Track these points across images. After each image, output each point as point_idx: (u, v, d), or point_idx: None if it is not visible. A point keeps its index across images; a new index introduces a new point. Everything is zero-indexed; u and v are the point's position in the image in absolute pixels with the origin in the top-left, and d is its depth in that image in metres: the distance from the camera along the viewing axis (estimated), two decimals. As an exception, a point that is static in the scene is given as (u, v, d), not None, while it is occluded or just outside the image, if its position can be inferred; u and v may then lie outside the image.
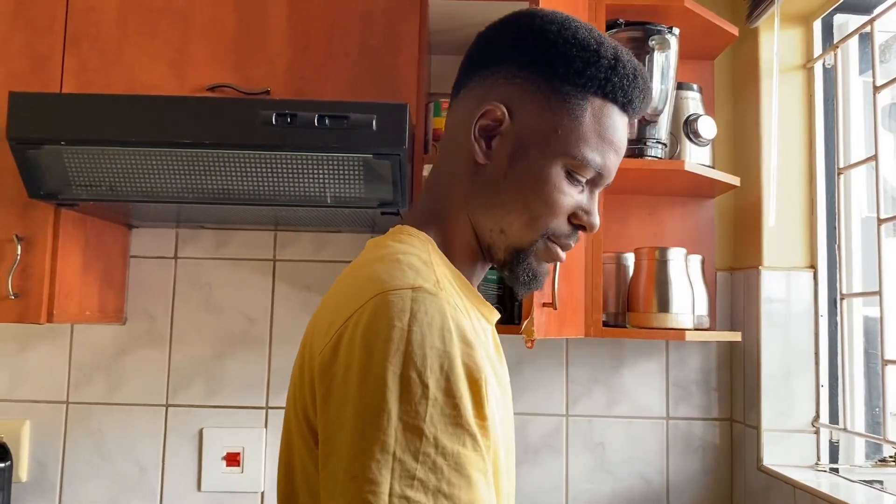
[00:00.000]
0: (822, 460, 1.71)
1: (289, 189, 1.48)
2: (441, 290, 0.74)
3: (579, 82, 0.81)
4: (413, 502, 0.65)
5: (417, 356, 0.68)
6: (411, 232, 0.85)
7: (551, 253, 0.86)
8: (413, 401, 0.67)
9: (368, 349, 0.69)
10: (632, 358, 1.90)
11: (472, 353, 0.71)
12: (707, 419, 1.88)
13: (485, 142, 0.84)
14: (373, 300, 0.72)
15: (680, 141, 1.72)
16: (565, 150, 0.82)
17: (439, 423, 0.67)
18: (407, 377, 0.67)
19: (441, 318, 0.71)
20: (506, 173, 0.83)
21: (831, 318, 1.74)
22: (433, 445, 0.66)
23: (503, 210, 0.84)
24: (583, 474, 1.87)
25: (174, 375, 1.89)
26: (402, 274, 0.74)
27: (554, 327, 1.39)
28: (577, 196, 0.84)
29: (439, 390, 0.68)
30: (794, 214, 1.77)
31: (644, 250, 1.64)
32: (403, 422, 0.66)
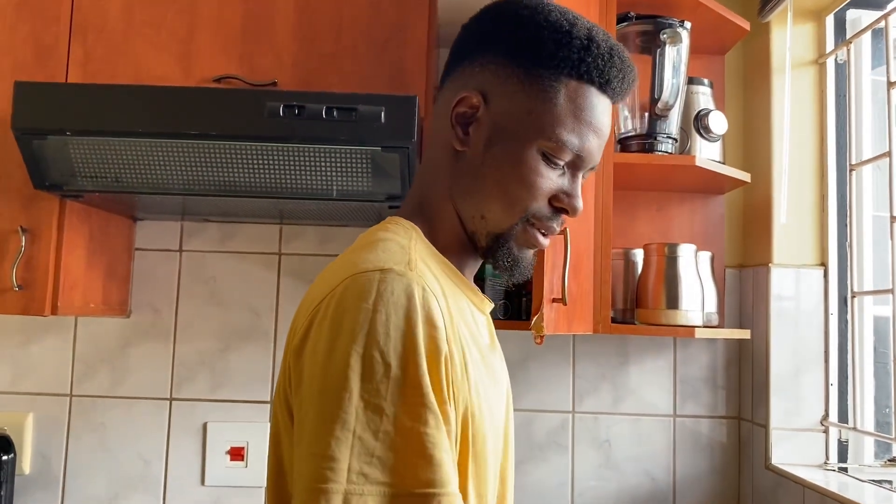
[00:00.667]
0: (831, 459, 1.70)
1: (295, 182, 1.47)
2: (411, 270, 0.74)
3: (552, 64, 0.81)
4: (371, 479, 0.65)
5: (381, 335, 0.69)
6: (398, 221, 0.86)
7: (530, 237, 0.85)
8: (374, 379, 0.67)
9: (335, 329, 0.70)
10: (639, 355, 1.88)
11: (436, 335, 0.71)
12: (714, 417, 1.87)
13: (461, 129, 0.85)
14: (343, 282, 0.73)
15: (690, 136, 1.70)
16: (540, 132, 0.81)
17: (400, 402, 0.67)
18: (369, 356, 0.68)
19: (407, 298, 0.71)
20: (483, 159, 0.84)
21: (841, 316, 1.73)
22: (393, 424, 0.67)
23: (482, 195, 0.84)
24: (589, 471, 1.86)
25: (178, 369, 1.88)
26: (374, 256, 0.75)
27: (563, 323, 1.37)
28: (557, 179, 0.84)
29: (401, 369, 0.68)
30: (805, 211, 1.75)
31: (653, 246, 1.62)
32: (364, 400, 0.67)
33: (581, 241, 1.48)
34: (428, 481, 0.66)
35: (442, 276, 0.82)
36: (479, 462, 0.78)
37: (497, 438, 0.84)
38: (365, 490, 0.65)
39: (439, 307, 0.73)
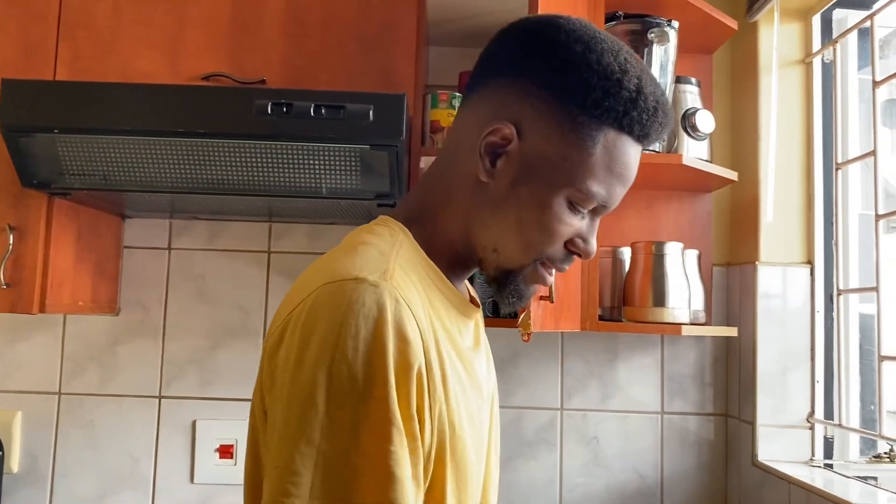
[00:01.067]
0: (817, 456, 1.71)
1: (284, 180, 1.47)
2: (386, 280, 0.72)
3: (596, 113, 0.78)
4: (333, 496, 0.65)
5: (349, 349, 0.67)
6: (387, 222, 0.85)
7: (539, 276, 0.85)
8: (341, 395, 0.66)
9: (305, 340, 0.69)
10: (627, 352, 1.89)
11: (407, 350, 0.70)
12: (702, 414, 1.88)
13: (490, 159, 0.81)
14: (316, 291, 0.72)
15: (678, 135, 1.71)
16: (571, 181, 0.79)
17: (365, 418, 0.66)
18: (337, 371, 0.67)
19: (378, 310, 0.69)
20: (507, 195, 0.81)
21: (828, 313, 1.74)
22: (358, 441, 0.66)
23: (499, 231, 0.82)
24: (577, 468, 1.87)
25: (167, 367, 1.88)
26: (351, 264, 0.74)
27: (550, 321, 1.38)
28: (577, 224, 0.82)
29: (368, 385, 0.67)
30: (792, 210, 1.76)
31: (641, 244, 1.63)
32: (330, 416, 0.66)
33: (569, 239, 1.49)
34: (389, 500, 0.66)
35: (426, 282, 0.81)
36: (460, 471, 0.77)
37: (479, 445, 0.83)
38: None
39: (414, 319, 0.72)
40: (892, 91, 2.25)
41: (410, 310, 0.72)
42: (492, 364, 0.99)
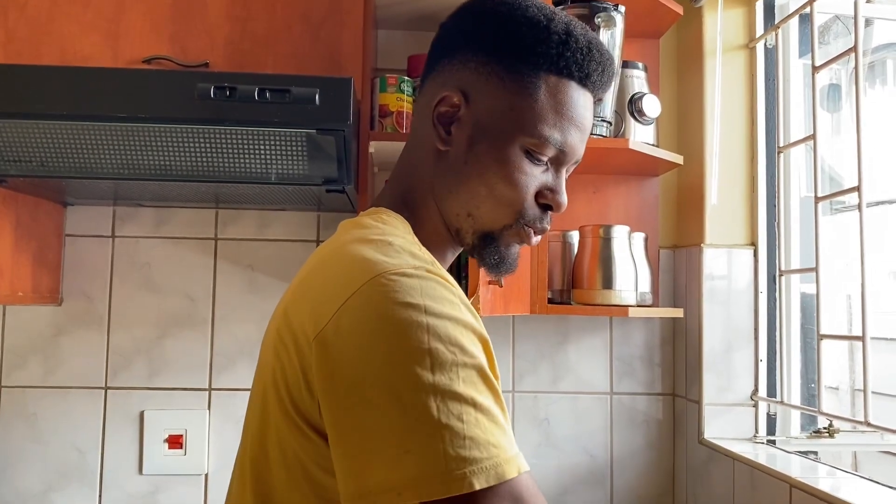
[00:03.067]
0: (760, 433, 1.76)
1: (230, 165, 1.44)
2: (436, 267, 0.76)
3: (531, 60, 0.82)
4: (469, 459, 0.67)
5: (439, 328, 0.69)
6: (390, 213, 0.87)
7: (522, 236, 0.87)
8: (445, 370, 0.68)
9: (384, 330, 0.69)
10: (577, 334, 1.92)
11: (477, 323, 0.74)
12: (650, 394, 1.92)
13: (444, 128, 0.86)
14: (373, 281, 0.72)
15: (625, 119, 1.73)
16: (522, 129, 0.82)
17: (471, 385, 0.69)
18: (435, 349, 0.69)
19: (447, 291, 0.73)
20: (467, 158, 0.84)
21: (770, 294, 1.78)
22: (471, 405, 0.68)
23: (468, 195, 0.85)
24: (529, 450, 1.89)
25: (113, 357, 1.84)
26: (399, 256, 0.75)
27: (500, 304, 1.39)
28: (541, 176, 0.85)
29: (465, 355, 0.70)
30: (736, 192, 1.80)
31: (588, 228, 1.65)
32: (441, 391, 0.68)
33: (518, 223, 1.50)
34: (509, 446, 0.69)
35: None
36: None
37: None
38: (468, 471, 0.66)
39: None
40: (833, 76, 2.31)
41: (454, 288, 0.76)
42: None
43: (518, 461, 0.69)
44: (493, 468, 0.67)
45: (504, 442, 0.69)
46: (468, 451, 0.67)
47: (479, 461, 0.67)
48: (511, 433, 0.71)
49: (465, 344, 0.70)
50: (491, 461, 0.67)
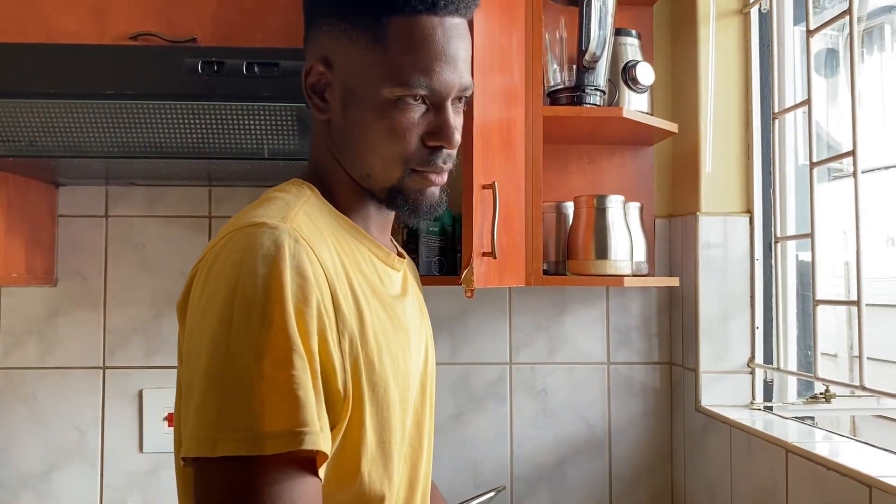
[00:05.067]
0: (757, 399, 1.76)
1: (222, 141, 1.44)
2: (286, 223, 0.75)
3: (371, 9, 0.82)
4: (238, 426, 0.67)
5: (248, 287, 0.70)
6: (295, 181, 0.88)
7: (422, 182, 0.86)
8: (240, 329, 0.69)
9: (210, 285, 0.73)
10: (573, 305, 1.92)
11: (305, 285, 0.73)
12: (647, 363, 1.92)
13: (318, 98, 0.87)
14: (222, 239, 0.76)
15: (618, 88, 1.71)
16: (382, 81, 0.82)
17: (266, 348, 0.69)
18: (235, 306, 0.70)
19: (277, 248, 0.72)
20: (346, 123, 0.85)
21: (766, 261, 1.78)
22: (260, 370, 0.68)
23: (359, 156, 0.86)
24: (527, 420, 1.90)
25: (110, 336, 1.84)
26: (253, 213, 0.77)
27: (494, 276, 1.38)
28: (420, 119, 0.84)
29: (266, 317, 0.70)
30: (731, 160, 1.78)
31: (583, 198, 1.64)
32: (230, 350, 0.68)
33: (511, 195, 1.49)
34: (295, 421, 0.68)
35: (337, 231, 0.84)
36: (381, 411, 0.80)
37: (405, 386, 0.85)
38: (232, 436, 0.67)
39: (316, 258, 0.75)
40: (829, 41, 2.29)
41: (312, 249, 0.75)
42: (425, 316, 1.00)
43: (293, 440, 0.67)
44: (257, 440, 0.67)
45: (284, 415, 0.68)
46: (239, 416, 0.67)
47: (246, 429, 0.67)
48: (310, 404, 0.70)
49: (273, 305, 0.70)
50: (255, 433, 0.67)
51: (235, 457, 0.66)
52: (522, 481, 1.89)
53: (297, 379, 0.69)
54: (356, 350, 0.77)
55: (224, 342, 0.69)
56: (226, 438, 0.66)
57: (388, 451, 0.81)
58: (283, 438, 0.67)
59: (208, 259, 0.76)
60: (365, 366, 0.78)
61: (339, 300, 0.76)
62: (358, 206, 0.90)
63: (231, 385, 0.68)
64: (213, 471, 0.68)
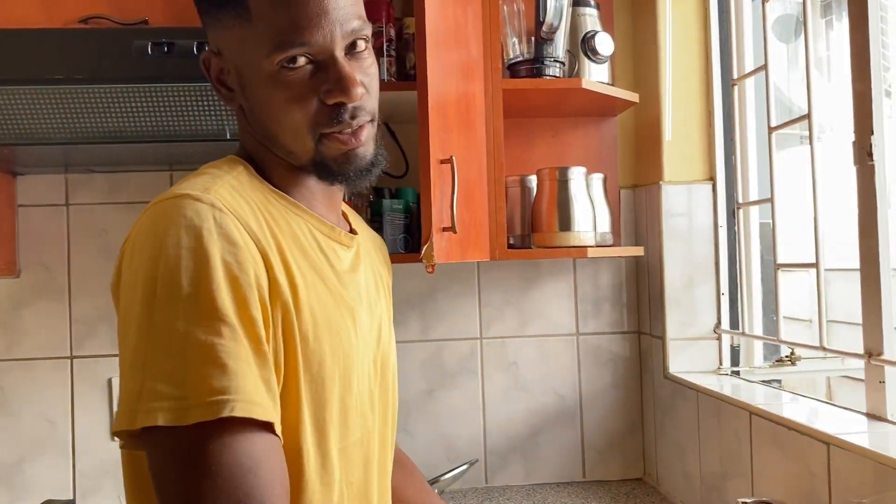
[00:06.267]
0: (724, 364, 1.78)
1: (181, 124, 1.42)
2: (208, 193, 0.75)
3: None
4: (162, 395, 0.67)
5: (170, 257, 0.70)
6: (230, 158, 0.88)
7: (336, 145, 0.85)
8: (166, 300, 0.69)
9: (135, 261, 0.72)
10: (542, 279, 1.93)
11: (238, 252, 0.72)
12: (616, 333, 1.94)
13: (224, 88, 0.87)
14: (144, 215, 0.76)
15: (578, 59, 1.71)
16: (260, 55, 0.81)
17: (193, 318, 0.69)
18: (162, 278, 0.70)
19: (200, 219, 0.72)
20: (250, 105, 0.85)
21: (730, 228, 1.79)
22: (185, 340, 0.68)
23: (274, 137, 0.85)
24: (499, 394, 1.91)
25: (77, 326, 1.82)
26: (176, 187, 0.77)
27: (456, 251, 1.38)
28: (312, 82, 0.82)
29: (192, 286, 0.69)
30: (693, 128, 1.79)
31: (545, 171, 1.64)
32: (156, 321, 0.69)
33: (472, 169, 1.49)
34: (221, 389, 0.67)
35: (271, 205, 0.83)
36: (317, 387, 0.79)
37: (347, 364, 0.84)
38: (155, 406, 0.66)
39: (242, 227, 0.75)
40: (785, 6, 2.30)
41: (237, 218, 0.75)
42: (383, 295, 0.99)
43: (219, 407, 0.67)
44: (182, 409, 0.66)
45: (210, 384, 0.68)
46: (164, 386, 0.67)
47: (170, 398, 0.67)
48: (245, 373, 0.69)
49: (197, 276, 0.70)
50: (180, 402, 0.67)
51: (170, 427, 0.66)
52: (496, 454, 1.91)
53: (225, 348, 0.68)
54: (290, 323, 0.77)
55: (148, 315, 0.69)
56: (150, 409, 0.66)
57: (324, 429, 0.80)
58: (209, 407, 0.67)
59: (132, 236, 0.75)
60: (300, 340, 0.77)
61: (273, 270, 0.76)
62: (296, 183, 0.88)
63: (157, 357, 0.68)
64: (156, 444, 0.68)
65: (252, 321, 0.72)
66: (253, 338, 0.71)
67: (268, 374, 0.72)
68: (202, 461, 0.66)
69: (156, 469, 0.69)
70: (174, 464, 0.67)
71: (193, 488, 0.66)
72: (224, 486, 0.66)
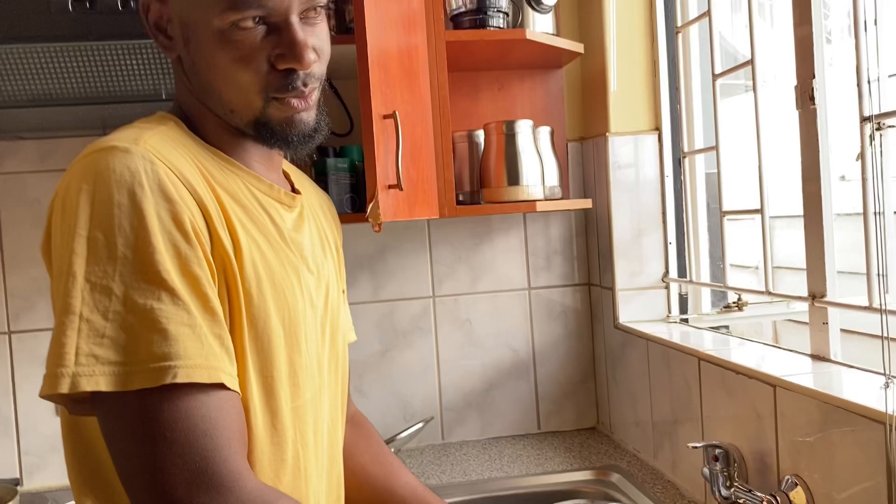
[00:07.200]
0: (673, 313, 1.81)
1: (112, 85, 1.36)
2: (139, 145, 0.71)
3: None
4: (102, 360, 0.65)
5: (103, 216, 0.67)
6: (161, 114, 0.84)
7: (285, 109, 0.81)
8: (101, 261, 0.67)
9: (66, 220, 0.69)
10: (493, 234, 1.92)
11: (174, 207, 0.70)
12: (567, 286, 1.95)
13: (163, 35, 0.82)
14: (70, 170, 0.72)
15: (522, 9, 1.67)
16: (208, 12, 0.77)
17: (131, 280, 0.67)
18: (93, 238, 0.67)
19: (132, 173, 0.69)
20: (192, 57, 0.81)
21: (676, 177, 1.80)
22: (123, 303, 0.66)
23: (215, 93, 0.81)
24: (453, 351, 1.91)
25: (14, 300, 1.75)
26: (102, 141, 0.73)
27: (404, 209, 1.36)
28: (263, 43, 0.79)
29: (129, 248, 0.67)
30: (638, 78, 1.78)
31: (492, 125, 1.62)
32: (91, 283, 0.66)
33: (417, 125, 1.46)
34: (163, 355, 0.66)
35: (206, 160, 0.80)
36: (261, 344, 0.77)
37: (293, 324, 0.82)
38: (95, 371, 0.64)
39: (177, 178, 0.72)
40: (728, -48, 2.28)
41: (170, 169, 0.71)
42: (330, 256, 0.97)
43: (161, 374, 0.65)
44: (123, 375, 0.65)
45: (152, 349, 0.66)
46: (102, 350, 0.65)
47: (111, 363, 0.65)
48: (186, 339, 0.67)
49: (133, 236, 0.67)
50: (123, 368, 0.65)
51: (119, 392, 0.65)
52: (451, 410, 1.91)
53: (166, 312, 0.67)
54: (234, 277, 0.75)
55: (79, 275, 0.66)
56: (91, 374, 0.64)
57: (272, 387, 0.79)
58: (151, 374, 0.65)
59: (60, 193, 0.72)
60: (244, 295, 0.75)
61: (213, 223, 0.74)
62: (233, 143, 0.85)
63: (92, 320, 0.65)
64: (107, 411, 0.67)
65: (195, 279, 0.69)
66: (199, 296, 0.69)
67: (219, 330, 0.71)
68: (157, 428, 0.65)
69: (110, 437, 0.68)
70: (130, 432, 0.66)
71: (150, 456, 0.66)
72: (181, 451, 0.66)
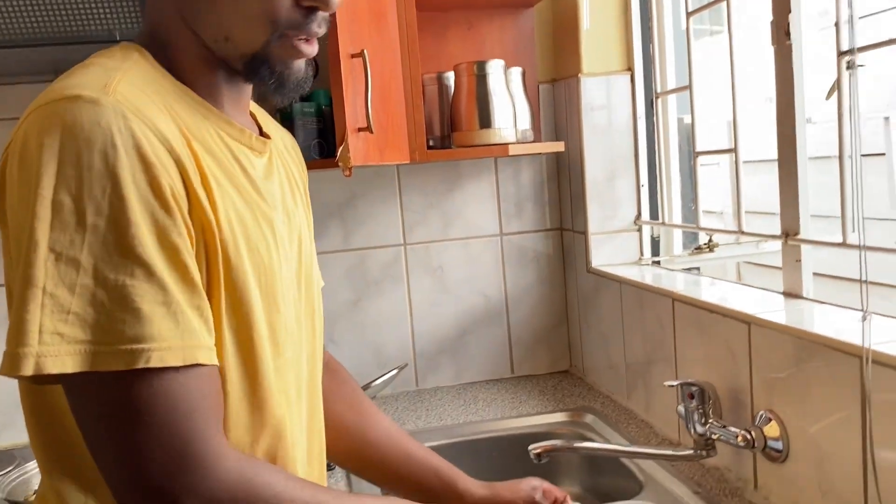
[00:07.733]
0: (645, 255, 1.81)
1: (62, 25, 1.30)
2: (109, 95, 0.63)
3: None
4: (68, 338, 0.60)
5: (70, 177, 0.61)
6: (123, 45, 0.74)
7: (292, 50, 0.75)
8: (67, 229, 0.61)
9: (19, 172, 0.62)
10: (464, 180, 1.89)
11: (152, 170, 0.63)
12: (539, 231, 1.94)
13: None
14: (28, 117, 0.64)
15: (491, -55, 1.62)
16: None
17: (101, 252, 0.61)
18: (58, 203, 0.61)
19: (103, 131, 0.62)
20: None
21: (649, 119, 1.79)
22: (92, 277, 0.61)
23: (216, 16, 0.73)
24: (425, 298, 1.90)
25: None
26: (64, 83, 0.65)
27: (374, 153, 1.32)
28: None
29: (101, 216, 0.61)
30: (610, 17, 1.75)
31: (463, 66, 1.58)
32: (56, 253, 0.60)
33: (386, 66, 1.41)
34: (136, 336, 0.61)
35: (176, 103, 0.72)
36: (239, 306, 0.72)
37: (270, 281, 0.77)
38: (61, 350, 0.59)
39: (153, 135, 0.65)
40: None
41: (146, 124, 0.65)
42: (300, 204, 0.92)
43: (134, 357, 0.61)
44: (92, 356, 0.60)
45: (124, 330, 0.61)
46: (69, 328, 0.60)
47: (78, 342, 0.60)
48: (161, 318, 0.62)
49: (105, 204, 0.61)
50: (91, 347, 0.60)
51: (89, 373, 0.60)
52: (425, 357, 1.91)
53: (139, 289, 0.61)
54: (213, 237, 0.69)
55: (42, 245, 0.60)
56: (57, 354, 0.59)
57: (253, 350, 0.74)
58: (122, 356, 0.61)
59: (17, 144, 0.64)
60: (222, 259, 0.70)
61: (190, 181, 0.67)
62: (205, 78, 0.77)
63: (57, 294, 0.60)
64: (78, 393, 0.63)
65: (174, 249, 0.64)
66: (178, 266, 0.64)
67: (198, 300, 0.66)
68: (134, 410, 0.61)
69: (82, 419, 0.63)
70: (107, 414, 0.62)
71: (128, 439, 0.62)
72: (160, 433, 0.62)
